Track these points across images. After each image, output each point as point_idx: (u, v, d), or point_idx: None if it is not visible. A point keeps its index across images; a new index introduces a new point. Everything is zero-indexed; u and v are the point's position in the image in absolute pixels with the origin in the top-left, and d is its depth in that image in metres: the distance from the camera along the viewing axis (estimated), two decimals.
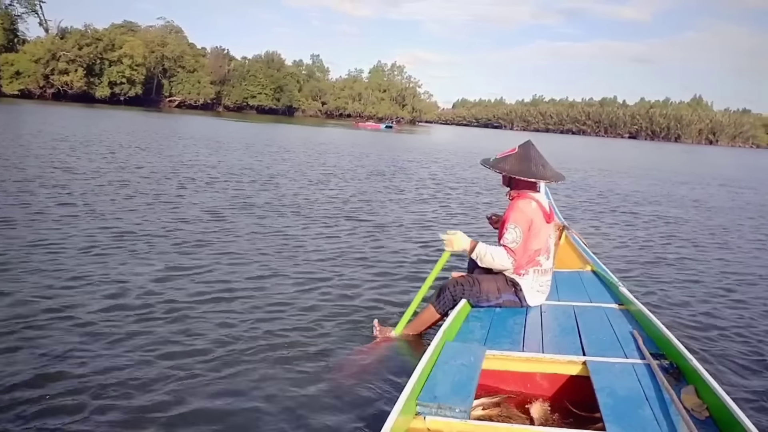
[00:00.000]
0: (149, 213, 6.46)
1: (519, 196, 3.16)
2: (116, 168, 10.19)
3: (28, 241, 4.82)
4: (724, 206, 11.48)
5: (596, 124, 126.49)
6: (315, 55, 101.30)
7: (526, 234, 3.04)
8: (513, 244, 3.03)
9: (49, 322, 3.21)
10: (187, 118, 41.45)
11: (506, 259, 3.04)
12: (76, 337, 3.04)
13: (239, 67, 79.26)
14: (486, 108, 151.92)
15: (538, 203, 3.14)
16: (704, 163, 33.08)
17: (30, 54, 57.47)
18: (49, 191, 7.32)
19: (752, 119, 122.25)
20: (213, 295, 3.86)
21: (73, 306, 3.46)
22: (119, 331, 3.15)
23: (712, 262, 6.04)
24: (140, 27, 70.50)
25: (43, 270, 4.09)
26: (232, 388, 2.62)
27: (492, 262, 3.07)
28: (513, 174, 3.11)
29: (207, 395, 2.54)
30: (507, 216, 3.11)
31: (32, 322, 3.17)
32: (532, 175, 3.10)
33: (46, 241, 4.88)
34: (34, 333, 3.05)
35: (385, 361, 2.98)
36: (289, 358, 2.95)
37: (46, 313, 3.31)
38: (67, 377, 2.62)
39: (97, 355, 2.86)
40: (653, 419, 1.98)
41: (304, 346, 3.12)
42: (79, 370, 2.69)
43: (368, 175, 12.29)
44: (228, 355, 2.94)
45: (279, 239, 5.68)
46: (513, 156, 3.17)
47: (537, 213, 3.09)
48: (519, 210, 3.07)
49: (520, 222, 3.04)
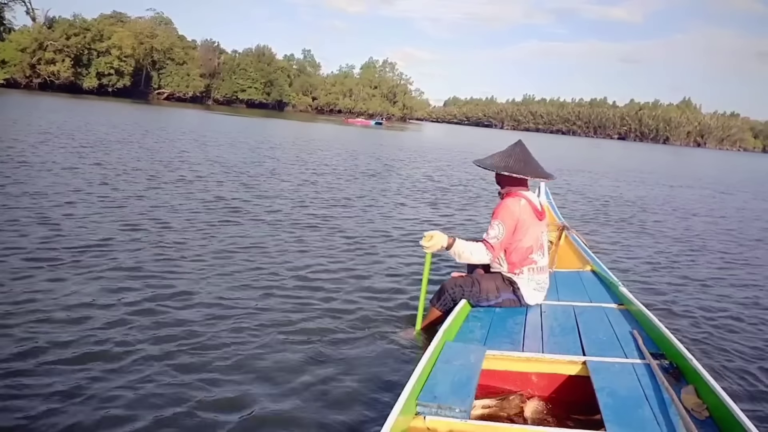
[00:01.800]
0: (117, 220, 5.82)
1: (509, 194, 3.20)
2: (88, 163, 10.03)
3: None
4: (725, 207, 11.57)
5: (586, 124, 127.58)
6: (306, 50, 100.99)
7: (511, 231, 3.08)
8: (494, 239, 3.09)
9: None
10: (174, 110, 40.96)
11: (484, 253, 3.10)
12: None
13: (229, 61, 78.68)
14: (477, 106, 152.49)
15: (528, 200, 3.18)
16: (694, 165, 33.43)
17: (16, 43, 56.53)
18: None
19: (740, 122, 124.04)
20: (212, 294, 3.80)
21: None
22: (100, 335, 3.09)
23: (712, 263, 6.08)
24: (130, 18, 69.59)
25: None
26: (231, 387, 2.59)
27: (470, 258, 3.13)
28: (500, 170, 3.16)
29: (205, 395, 2.50)
30: (494, 212, 3.16)
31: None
32: (520, 172, 3.15)
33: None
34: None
35: (385, 361, 2.96)
36: (288, 359, 2.92)
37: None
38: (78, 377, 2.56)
39: (89, 345, 2.81)
40: (653, 419, 1.98)
41: (303, 346, 3.08)
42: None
43: (359, 175, 12.22)
44: (227, 355, 2.90)
45: (270, 241, 5.61)
46: (504, 154, 3.24)
47: (525, 210, 3.13)
48: (506, 208, 3.12)
49: (505, 219, 3.08)
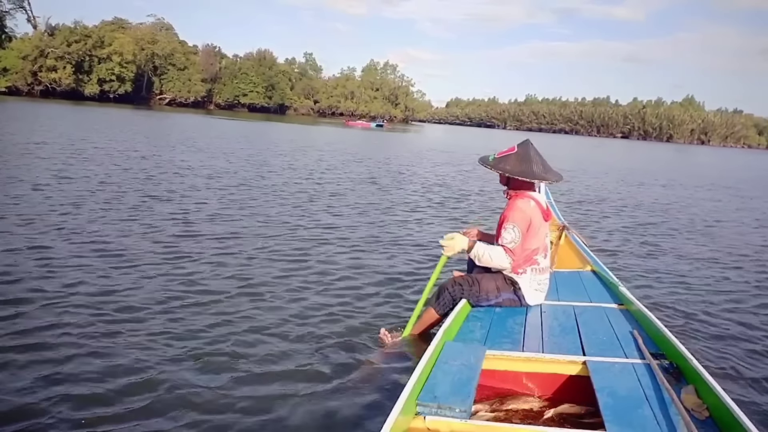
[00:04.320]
0: (124, 229, 5.98)
1: (517, 195, 3.13)
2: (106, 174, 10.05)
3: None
4: (725, 208, 11.52)
5: (589, 123, 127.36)
6: (308, 53, 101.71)
7: (524, 233, 3.02)
8: (511, 243, 3.01)
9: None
10: (176, 116, 41.04)
11: (505, 258, 3.02)
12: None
13: (230, 65, 78.90)
14: (479, 107, 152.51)
15: (537, 202, 3.13)
16: (697, 164, 33.29)
17: (17, 51, 56.84)
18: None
19: (744, 119, 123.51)
20: (212, 297, 3.82)
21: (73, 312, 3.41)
22: (99, 340, 3.11)
23: (712, 263, 6.06)
24: (131, 24, 69.93)
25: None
26: (232, 389, 2.60)
27: (490, 262, 3.05)
28: (515, 175, 3.07)
29: (205, 396, 2.52)
30: (505, 215, 3.08)
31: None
32: (534, 176, 3.07)
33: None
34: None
35: (385, 361, 2.97)
36: (289, 360, 2.93)
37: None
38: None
39: (103, 354, 2.82)
40: (653, 419, 1.97)
41: (303, 347, 3.09)
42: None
43: (361, 181, 12.23)
44: (228, 357, 2.91)
45: (270, 246, 5.62)
46: (513, 156, 3.13)
47: (535, 212, 3.08)
48: (518, 209, 3.04)
49: (518, 221, 3.01)
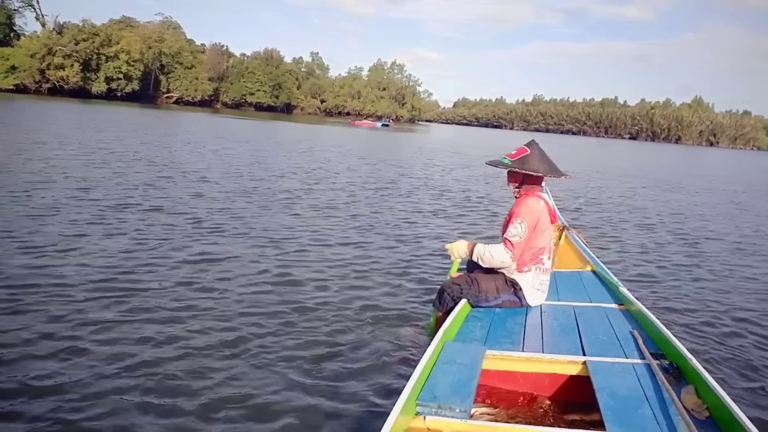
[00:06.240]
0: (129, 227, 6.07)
1: (527, 194, 3.15)
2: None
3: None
4: (726, 209, 11.48)
5: (596, 124, 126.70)
6: (315, 52, 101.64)
7: (531, 231, 3.03)
8: (515, 237, 3.01)
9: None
10: (186, 114, 41.19)
11: (504, 253, 3.03)
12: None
13: (238, 64, 79.04)
14: (486, 107, 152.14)
15: (546, 202, 3.17)
16: (705, 165, 33.06)
17: (26, 49, 57.06)
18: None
19: (753, 121, 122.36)
20: (214, 292, 3.85)
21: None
22: (101, 335, 3.14)
23: (712, 263, 6.05)
24: (138, 22, 70.08)
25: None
26: (231, 388, 2.61)
27: (492, 260, 3.07)
28: (547, 174, 3.09)
29: (204, 396, 2.53)
30: (515, 211, 3.09)
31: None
32: (560, 173, 3.11)
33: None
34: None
35: (385, 361, 2.98)
36: (289, 359, 2.94)
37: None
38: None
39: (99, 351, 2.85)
40: (653, 419, 1.97)
41: (304, 347, 3.11)
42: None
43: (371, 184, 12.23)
44: (228, 355, 2.93)
45: (274, 242, 5.64)
46: (530, 156, 3.13)
47: (544, 212, 3.12)
48: (528, 206, 3.06)
49: (527, 218, 3.03)
